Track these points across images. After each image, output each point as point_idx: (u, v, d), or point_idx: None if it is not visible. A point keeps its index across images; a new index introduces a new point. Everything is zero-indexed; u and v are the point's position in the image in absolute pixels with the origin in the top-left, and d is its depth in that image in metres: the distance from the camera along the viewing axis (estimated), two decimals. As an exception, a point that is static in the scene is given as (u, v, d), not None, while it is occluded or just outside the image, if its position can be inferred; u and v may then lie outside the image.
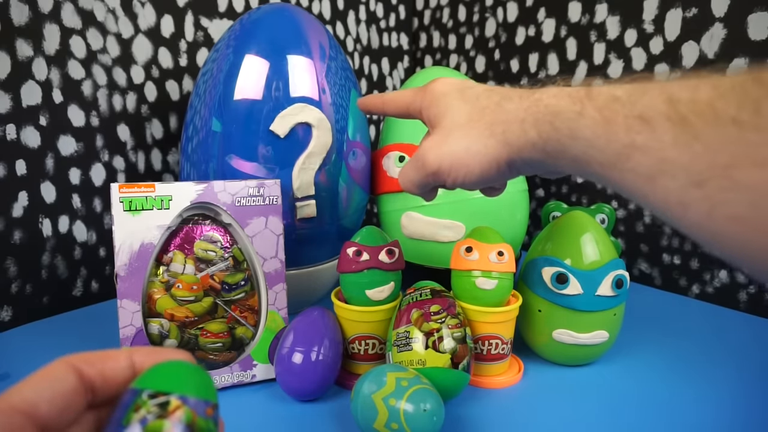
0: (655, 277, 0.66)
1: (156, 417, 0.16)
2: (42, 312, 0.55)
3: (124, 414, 0.17)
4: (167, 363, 0.18)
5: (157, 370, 0.18)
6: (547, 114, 0.25)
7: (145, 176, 0.63)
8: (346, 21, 0.83)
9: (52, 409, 0.17)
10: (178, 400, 0.17)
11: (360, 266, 0.41)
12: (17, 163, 0.51)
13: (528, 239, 0.78)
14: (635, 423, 0.37)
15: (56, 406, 0.17)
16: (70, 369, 0.18)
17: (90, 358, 0.18)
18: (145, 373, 0.18)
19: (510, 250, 0.42)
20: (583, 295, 0.42)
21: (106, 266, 0.60)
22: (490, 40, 0.82)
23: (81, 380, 0.18)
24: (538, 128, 0.26)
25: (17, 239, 0.52)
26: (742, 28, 0.55)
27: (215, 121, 0.48)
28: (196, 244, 0.41)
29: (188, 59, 0.65)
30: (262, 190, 0.43)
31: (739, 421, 0.37)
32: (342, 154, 0.51)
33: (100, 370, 0.18)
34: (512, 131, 0.27)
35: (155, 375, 0.18)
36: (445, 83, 0.32)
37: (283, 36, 0.49)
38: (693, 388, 0.41)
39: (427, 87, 0.33)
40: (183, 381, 0.18)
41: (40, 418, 0.16)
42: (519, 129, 0.27)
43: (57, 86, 0.54)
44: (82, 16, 0.55)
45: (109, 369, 0.18)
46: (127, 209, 0.39)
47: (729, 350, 0.48)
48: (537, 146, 0.26)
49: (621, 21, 0.65)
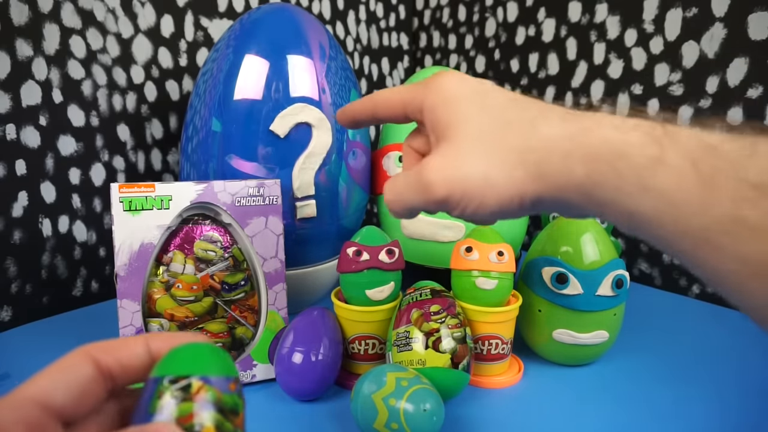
0: (655, 277, 0.66)
1: (181, 401, 0.16)
2: (42, 312, 0.55)
3: (149, 403, 0.17)
4: (183, 347, 0.19)
5: (174, 355, 0.18)
6: (607, 151, 0.20)
7: (145, 176, 0.63)
8: (346, 21, 0.83)
9: (68, 398, 0.17)
10: (199, 381, 0.17)
11: (360, 266, 0.41)
12: (17, 163, 0.51)
13: (528, 239, 0.78)
14: (635, 423, 0.37)
15: (72, 396, 0.17)
16: (87, 358, 0.18)
17: (106, 346, 0.18)
18: (162, 360, 0.18)
19: (510, 250, 0.42)
20: (583, 295, 0.42)
21: (106, 266, 0.60)
22: (490, 40, 0.82)
23: (98, 369, 0.18)
24: (588, 167, 0.20)
25: (17, 239, 0.52)
26: (742, 28, 0.55)
27: (215, 121, 0.48)
28: (196, 244, 0.41)
29: (188, 59, 0.65)
30: (262, 190, 0.43)
31: (739, 421, 0.37)
32: (342, 154, 0.51)
33: (117, 358, 0.18)
34: (550, 164, 0.21)
35: (173, 360, 0.18)
36: (456, 81, 0.25)
37: (283, 36, 0.49)
38: (693, 388, 0.41)
39: (431, 82, 0.26)
40: (201, 362, 0.18)
41: (57, 408, 0.16)
42: (561, 164, 0.21)
43: (57, 86, 0.54)
44: (82, 16, 0.55)
45: (126, 356, 0.18)
46: (127, 209, 0.39)
47: (729, 350, 0.48)
48: (582, 189, 0.20)
49: (621, 21, 0.65)
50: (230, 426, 0.17)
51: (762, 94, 0.54)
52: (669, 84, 0.61)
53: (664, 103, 0.62)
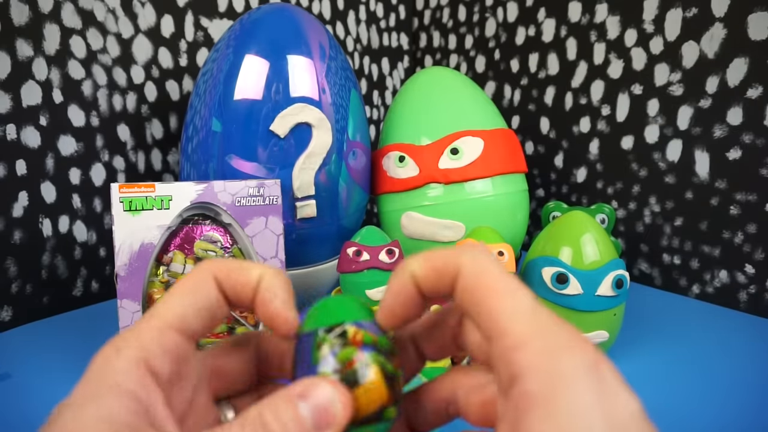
0: (655, 277, 0.66)
1: (341, 347, 0.17)
2: (42, 312, 0.55)
3: (309, 355, 0.17)
4: (325, 300, 0.19)
5: (320, 307, 0.19)
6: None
7: (145, 176, 0.63)
8: (346, 21, 0.83)
9: (199, 323, 0.17)
10: (353, 326, 0.17)
11: (360, 266, 0.41)
12: (17, 163, 0.52)
13: (528, 239, 0.78)
14: (635, 423, 0.37)
15: (203, 321, 0.17)
16: (213, 281, 0.18)
17: (228, 270, 0.18)
18: (309, 315, 0.19)
19: (510, 250, 0.42)
20: (583, 295, 0.42)
21: (106, 266, 0.60)
22: (490, 40, 0.82)
23: (221, 293, 0.18)
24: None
25: (17, 239, 0.52)
26: (742, 28, 0.55)
27: (215, 121, 0.48)
28: (196, 244, 0.41)
29: (188, 59, 0.65)
30: (262, 190, 0.43)
31: (739, 422, 0.37)
32: (342, 154, 0.51)
33: (234, 285, 0.18)
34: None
35: (321, 313, 0.18)
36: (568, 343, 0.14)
37: (283, 36, 0.49)
38: (693, 388, 0.41)
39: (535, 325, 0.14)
40: (347, 310, 0.18)
41: (190, 332, 0.17)
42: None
43: (57, 86, 0.54)
44: (82, 16, 0.55)
45: (240, 284, 0.18)
46: (127, 209, 0.39)
47: (729, 350, 0.48)
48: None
49: (621, 21, 0.65)
50: (391, 367, 0.17)
51: (762, 94, 0.54)
52: (669, 84, 0.61)
53: (664, 103, 0.62)
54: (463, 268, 0.16)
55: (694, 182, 0.60)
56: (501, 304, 0.15)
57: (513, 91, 0.79)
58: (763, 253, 0.56)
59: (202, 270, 0.18)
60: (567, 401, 0.13)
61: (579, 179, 0.72)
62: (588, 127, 0.70)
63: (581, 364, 0.13)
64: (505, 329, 0.14)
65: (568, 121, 0.72)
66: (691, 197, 0.61)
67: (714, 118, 0.58)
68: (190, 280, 0.18)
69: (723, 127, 0.57)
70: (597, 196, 0.70)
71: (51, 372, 0.43)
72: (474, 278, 0.16)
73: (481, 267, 0.16)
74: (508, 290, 0.15)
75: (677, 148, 0.61)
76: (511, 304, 0.15)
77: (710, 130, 0.58)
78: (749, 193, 0.56)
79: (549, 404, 0.13)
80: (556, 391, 0.13)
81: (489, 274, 0.16)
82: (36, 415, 0.37)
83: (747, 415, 0.38)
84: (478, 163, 0.53)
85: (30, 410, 0.38)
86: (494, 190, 0.54)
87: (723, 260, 0.59)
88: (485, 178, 0.54)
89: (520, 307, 0.15)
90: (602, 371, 0.14)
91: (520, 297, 0.15)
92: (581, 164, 0.72)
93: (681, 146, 0.61)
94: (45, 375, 0.43)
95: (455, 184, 0.54)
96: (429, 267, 0.17)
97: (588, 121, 0.70)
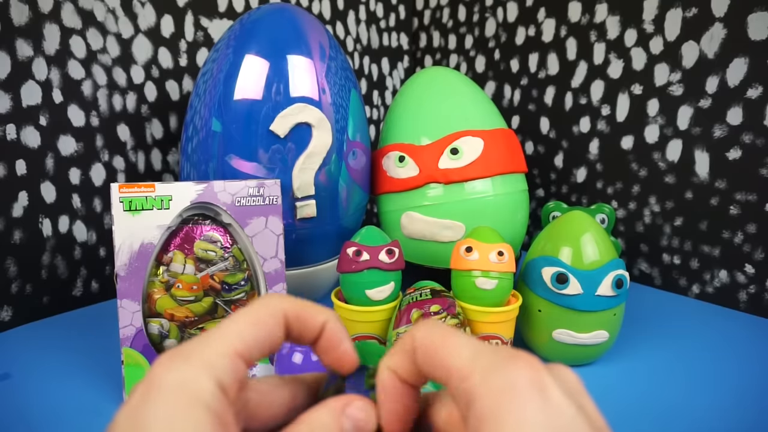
0: (655, 277, 0.66)
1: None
2: (42, 312, 0.55)
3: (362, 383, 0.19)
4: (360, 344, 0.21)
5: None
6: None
7: (145, 176, 0.63)
8: (346, 21, 0.83)
9: (257, 355, 0.18)
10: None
11: (360, 266, 0.41)
12: (17, 163, 0.52)
13: (528, 239, 0.78)
14: (635, 423, 0.37)
15: (260, 353, 0.18)
16: (283, 324, 0.18)
17: (298, 312, 0.19)
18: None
19: (510, 250, 0.42)
20: (583, 295, 0.42)
21: (106, 266, 0.60)
22: (490, 40, 0.82)
23: (285, 334, 0.18)
24: None
25: (17, 239, 0.52)
26: (742, 28, 0.55)
27: (215, 121, 0.48)
28: (196, 244, 0.41)
29: (188, 59, 0.65)
30: (262, 190, 0.43)
31: (740, 422, 0.37)
32: (342, 154, 0.51)
33: (301, 325, 0.19)
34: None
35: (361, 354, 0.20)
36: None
37: (283, 36, 0.49)
38: (693, 388, 0.41)
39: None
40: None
41: (251, 362, 0.17)
42: None
43: (57, 86, 0.54)
44: (82, 16, 0.55)
45: (307, 327, 0.19)
46: (127, 209, 0.39)
47: (729, 350, 0.48)
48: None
49: (621, 21, 0.65)
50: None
51: (762, 94, 0.54)
52: (669, 84, 0.61)
53: (664, 103, 0.62)
54: (416, 340, 0.17)
55: (694, 182, 0.60)
56: (446, 350, 0.16)
57: (513, 91, 0.79)
58: (762, 253, 0.56)
59: (272, 305, 0.18)
60: (513, 413, 0.14)
61: (579, 179, 0.72)
62: (588, 127, 0.70)
63: (522, 375, 0.15)
64: (452, 368, 0.16)
65: (568, 121, 0.72)
66: (690, 197, 0.61)
67: (714, 118, 0.58)
68: (262, 311, 0.18)
69: (723, 127, 0.57)
70: (597, 196, 0.70)
71: (51, 372, 0.43)
72: (425, 342, 0.17)
73: (428, 331, 0.17)
74: (450, 338, 0.17)
75: (677, 148, 0.61)
76: (454, 348, 0.16)
77: (710, 130, 0.58)
78: (749, 193, 0.56)
79: (497, 418, 0.14)
80: (501, 406, 0.14)
81: (435, 334, 0.17)
82: (36, 415, 0.37)
83: (747, 414, 0.38)
84: (478, 163, 0.53)
85: (30, 410, 0.38)
86: (494, 190, 0.54)
87: (723, 260, 0.59)
88: (485, 178, 0.54)
89: (462, 348, 0.16)
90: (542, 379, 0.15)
91: (462, 339, 0.17)
92: (581, 164, 0.72)
93: (681, 146, 0.61)
94: (45, 375, 0.43)
95: (455, 184, 0.54)
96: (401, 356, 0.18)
97: (588, 121, 0.70)
